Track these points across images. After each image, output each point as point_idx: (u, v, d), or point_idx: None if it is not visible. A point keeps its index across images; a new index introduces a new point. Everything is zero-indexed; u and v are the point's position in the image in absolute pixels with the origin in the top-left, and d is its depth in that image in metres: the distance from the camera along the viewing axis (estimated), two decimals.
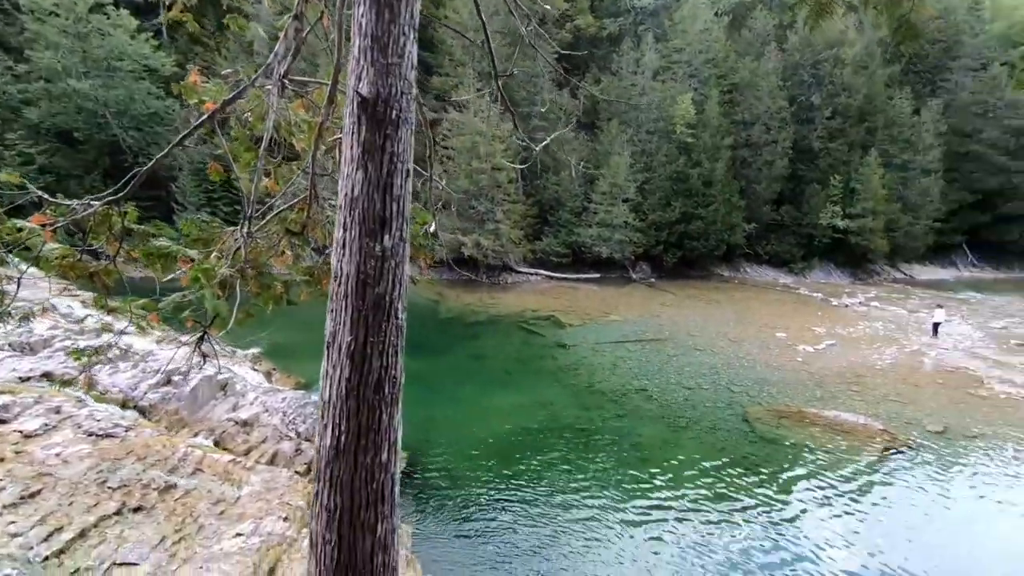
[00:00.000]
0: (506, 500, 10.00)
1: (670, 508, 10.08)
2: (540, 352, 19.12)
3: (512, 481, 10.65)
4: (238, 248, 2.86)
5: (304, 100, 3.56)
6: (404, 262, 2.01)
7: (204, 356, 3.08)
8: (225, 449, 9.09)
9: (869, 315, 27.30)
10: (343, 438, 1.85)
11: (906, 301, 30.77)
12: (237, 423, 10.12)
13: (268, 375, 14.95)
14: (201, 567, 5.60)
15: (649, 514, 9.86)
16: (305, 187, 3.28)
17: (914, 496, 11.03)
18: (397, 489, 1.97)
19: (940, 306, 25.44)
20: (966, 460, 12.54)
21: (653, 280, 33.91)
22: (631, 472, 11.24)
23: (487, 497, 10.06)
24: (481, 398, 14.83)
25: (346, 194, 1.98)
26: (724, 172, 34.33)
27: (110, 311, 3.23)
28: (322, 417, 1.93)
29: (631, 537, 9.17)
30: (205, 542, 6.15)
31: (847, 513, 10.29)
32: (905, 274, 41.19)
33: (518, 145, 28.56)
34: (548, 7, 32.52)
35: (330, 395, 1.90)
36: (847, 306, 29.28)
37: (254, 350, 15.88)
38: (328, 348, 1.95)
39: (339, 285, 1.94)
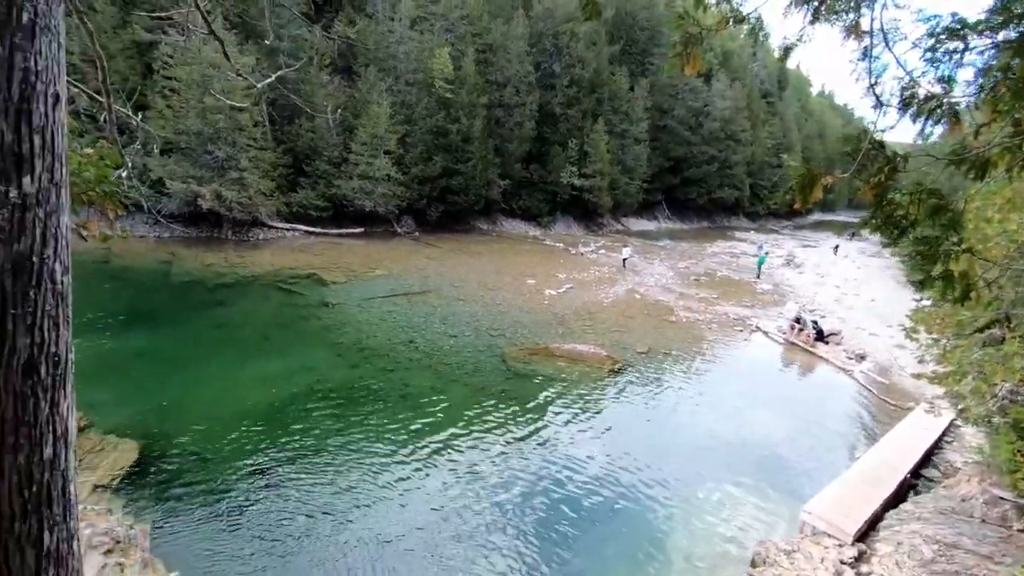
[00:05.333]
0: (268, 475, 9.33)
1: (443, 451, 10.69)
2: (302, 313, 17.91)
3: (275, 454, 9.97)
4: None
5: None
6: (60, 212, 1.58)
7: None
8: None
9: (598, 261, 32.33)
10: None
11: (623, 248, 37.16)
12: None
13: None
14: None
15: (423, 460, 10.30)
16: None
17: (632, 402, 13.81)
18: (73, 487, 1.61)
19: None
20: (662, 370, 16.11)
21: (418, 234, 34.34)
22: (403, 423, 11.52)
23: (245, 477, 9.24)
24: (235, 370, 13.33)
25: None
26: (481, 130, 36.00)
27: None
28: None
29: (407, 487, 9.46)
30: None
31: (587, 424, 12.36)
32: (623, 226, 49.67)
33: (251, 80, 25.11)
34: None
35: None
36: (582, 254, 34.13)
37: None
38: None
39: None
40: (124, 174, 2.95)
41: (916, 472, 11.32)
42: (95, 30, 2.58)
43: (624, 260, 30.99)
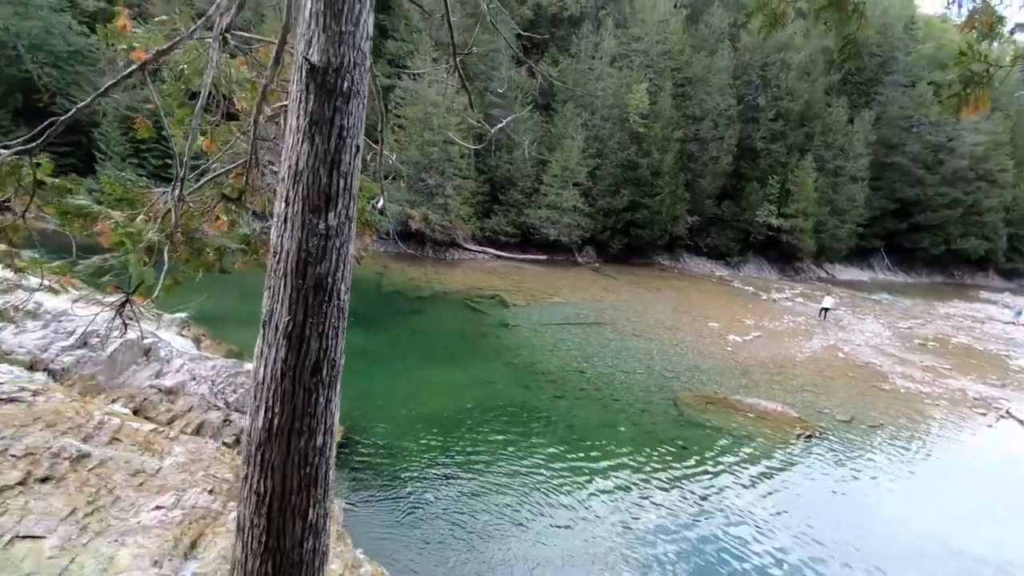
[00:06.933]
0: (442, 476, 10.06)
1: (603, 487, 10.46)
2: (483, 330, 19.18)
3: (449, 457, 10.72)
4: (168, 211, 2.66)
5: (248, 58, 3.33)
6: (349, 241, 1.94)
7: (126, 323, 2.87)
8: (146, 418, 8.63)
9: (793, 310, 29.04)
10: (276, 421, 1.79)
11: (824, 297, 32.86)
12: (160, 391, 9.61)
13: (197, 341, 14.24)
14: (116, 540, 5.32)
15: (582, 493, 10.20)
16: (245, 150, 3.09)
17: (825, 477, 11.98)
18: (331, 473, 1.94)
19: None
20: (867, 447, 13.71)
21: (598, 265, 34.58)
22: (567, 452, 11.55)
23: (423, 473, 10.09)
24: (422, 374, 14.76)
25: (290, 166, 1.88)
26: (672, 164, 35.21)
27: (17, 270, 2.94)
28: (254, 398, 1.86)
29: (564, 516, 9.45)
30: (121, 515, 5.84)
31: (767, 492, 11.04)
32: (828, 273, 43.95)
33: (472, 120, 28.13)
34: None
35: (264, 376, 1.82)
36: (775, 300, 30.99)
37: (182, 315, 15.08)
38: (264, 327, 1.86)
39: (279, 262, 1.85)
40: (380, 204, 3.52)
41: None
42: None
43: (823, 310, 27.63)
